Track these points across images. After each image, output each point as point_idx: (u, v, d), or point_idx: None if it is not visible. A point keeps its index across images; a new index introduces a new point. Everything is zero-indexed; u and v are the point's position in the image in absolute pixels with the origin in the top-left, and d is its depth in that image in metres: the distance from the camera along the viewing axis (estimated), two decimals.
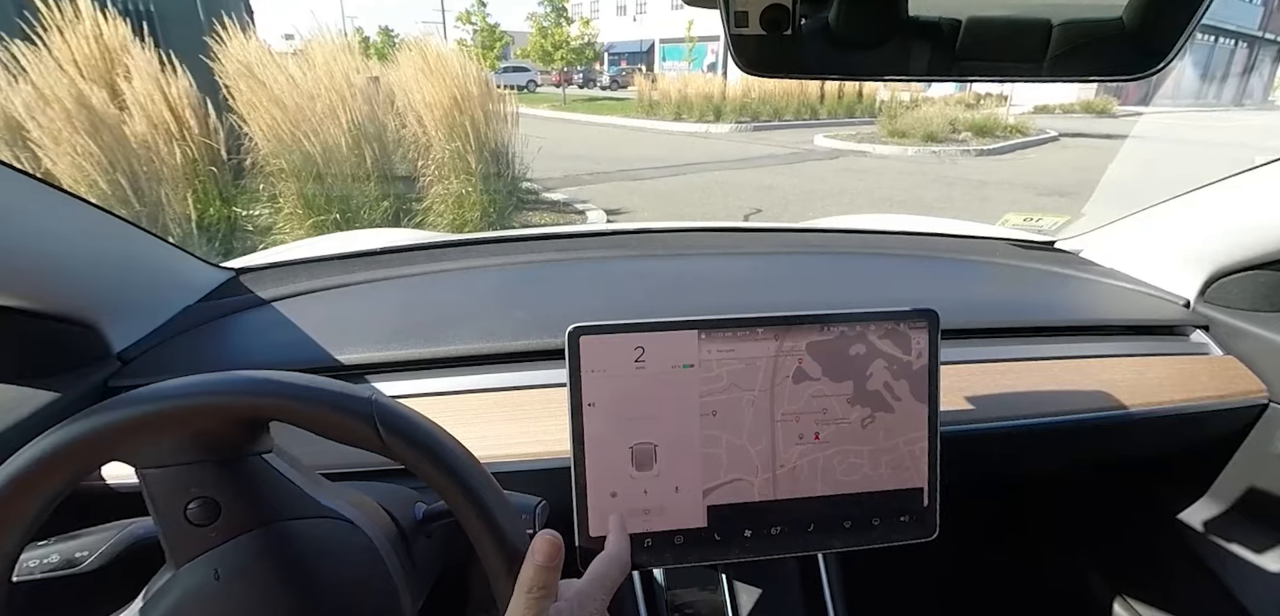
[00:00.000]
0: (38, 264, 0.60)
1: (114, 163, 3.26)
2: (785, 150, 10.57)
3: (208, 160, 3.75)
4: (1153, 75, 0.46)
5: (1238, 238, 0.87)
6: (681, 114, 14.71)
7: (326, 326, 0.78)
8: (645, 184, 7.24)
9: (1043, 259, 1.12)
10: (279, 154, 3.63)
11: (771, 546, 0.58)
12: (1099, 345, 0.86)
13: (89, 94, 3.27)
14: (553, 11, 23.62)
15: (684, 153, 9.87)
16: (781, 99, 15.14)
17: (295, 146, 3.62)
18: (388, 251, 1.02)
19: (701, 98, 14.62)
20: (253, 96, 3.69)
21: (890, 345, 0.57)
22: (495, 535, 0.43)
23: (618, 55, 38.12)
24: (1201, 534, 0.93)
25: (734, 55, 0.47)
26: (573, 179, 6.79)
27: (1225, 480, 0.91)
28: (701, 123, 14.14)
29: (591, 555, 0.55)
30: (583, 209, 5.66)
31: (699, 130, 13.49)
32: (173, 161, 3.51)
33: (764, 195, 6.93)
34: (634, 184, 7.19)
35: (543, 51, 23.71)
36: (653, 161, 8.75)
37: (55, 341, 0.64)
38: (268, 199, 3.81)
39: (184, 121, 3.66)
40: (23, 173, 0.58)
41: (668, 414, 0.54)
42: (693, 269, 1.01)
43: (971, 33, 0.46)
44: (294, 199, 3.69)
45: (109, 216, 0.70)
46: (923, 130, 11.56)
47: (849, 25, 0.47)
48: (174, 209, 3.47)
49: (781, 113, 15.18)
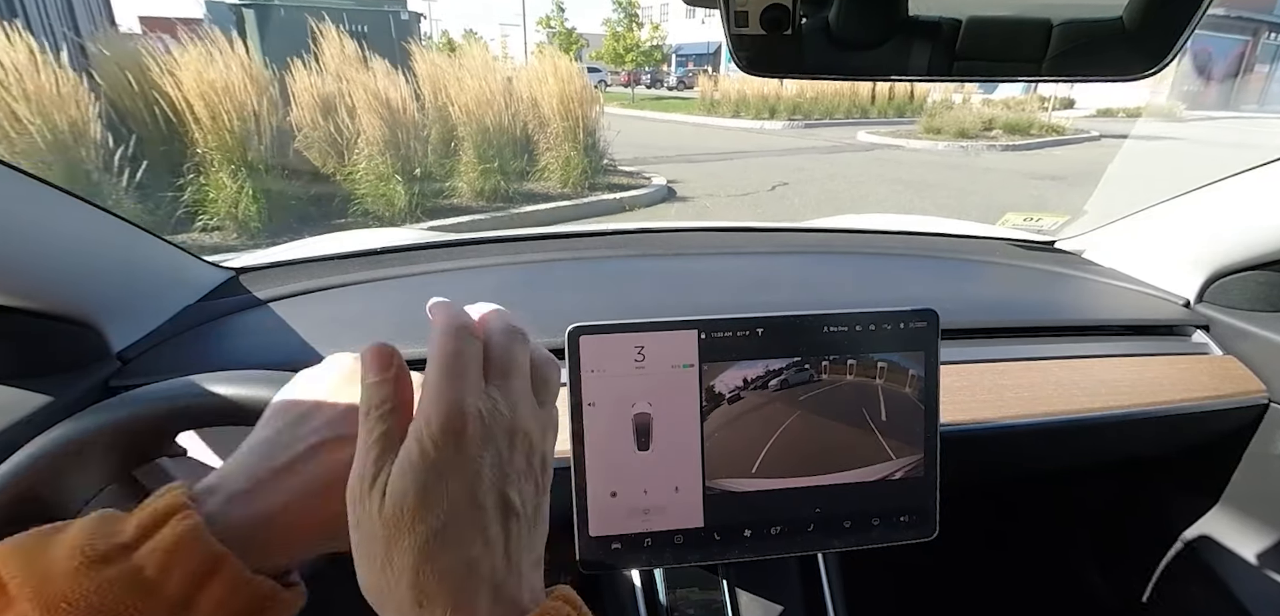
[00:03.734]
0: (37, 264, 0.60)
1: (395, 136, 5.33)
2: (827, 144, 11.67)
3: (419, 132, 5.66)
4: (1152, 76, 0.46)
5: (1238, 237, 0.87)
6: (740, 111, 15.84)
7: (326, 326, 0.78)
8: (699, 166, 8.57)
9: (1043, 259, 1.12)
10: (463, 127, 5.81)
11: (771, 546, 0.58)
12: (1099, 345, 0.86)
13: (334, 91, 5.39)
14: (625, 17, 25.31)
15: (736, 143, 11.23)
16: (833, 99, 16.04)
17: (472, 122, 5.74)
18: (388, 251, 1.02)
19: (758, 97, 15.61)
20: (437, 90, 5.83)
21: (890, 345, 0.57)
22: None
23: (685, 56, 39.06)
24: (1201, 533, 0.93)
25: (734, 55, 0.46)
26: (640, 160, 8.00)
27: (1225, 480, 0.91)
28: (757, 119, 15.22)
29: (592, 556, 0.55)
30: (650, 177, 7.07)
31: (754, 126, 14.50)
32: (407, 135, 5.44)
33: (794, 173, 8.16)
34: (690, 165, 8.49)
35: (615, 53, 25.26)
36: (708, 150, 10.19)
37: (55, 341, 0.64)
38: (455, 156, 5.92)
39: (409, 105, 5.50)
40: (22, 172, 0.58)
41: (667, 414, 0.54)
42: (693, 269, 1.01)
43: (971, 32, 0.46)
44: (472, 156, 5.78)
45: (109, 216, 0.70)
46: (956, 127, 12.16)
47: (849, 25, 0.47)
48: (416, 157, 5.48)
49: (832, 112, 16.02)
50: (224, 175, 4.66)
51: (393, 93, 5.28)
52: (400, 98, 5.32)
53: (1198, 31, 0.43)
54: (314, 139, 5.30)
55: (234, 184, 4.68)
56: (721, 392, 0.55)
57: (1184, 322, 0.92)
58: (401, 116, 5.31)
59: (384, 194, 5.24)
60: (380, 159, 5.23)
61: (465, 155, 5.67)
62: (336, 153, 5.29)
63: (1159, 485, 1.00)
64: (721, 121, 15.45)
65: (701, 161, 8.95)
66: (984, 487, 1.18)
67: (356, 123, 5.29)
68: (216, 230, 4.71)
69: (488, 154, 5.72)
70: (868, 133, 13.12)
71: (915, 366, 0.57)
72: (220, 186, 4.67)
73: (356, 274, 0.91)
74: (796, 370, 0.56)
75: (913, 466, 0.59)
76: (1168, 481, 0.99)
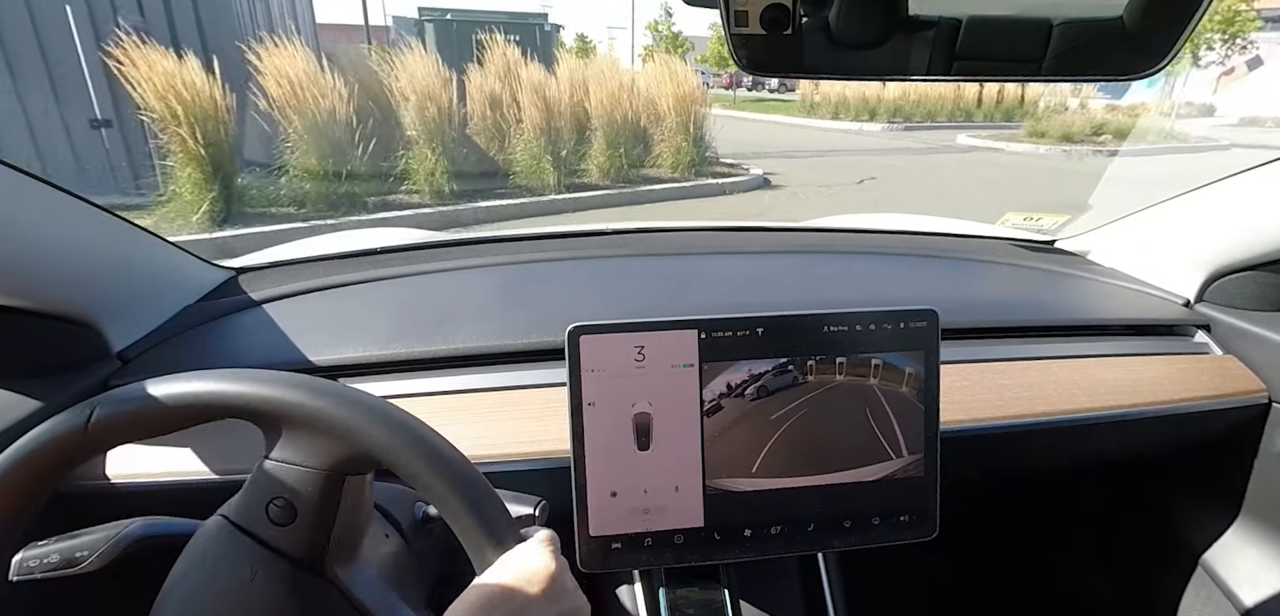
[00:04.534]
0: (37, 264, 0.60)
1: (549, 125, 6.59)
2: (923, 145, 11.80)
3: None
4: (1152, 75, 0.46)
5: (1238, 237, 0.87)
6: (839, 113, 15.86)
7: (326, 326, 0.78)
8: (794, 161, 9.35)
9: (1043, 258, 1.12)
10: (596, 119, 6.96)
11: (771, 546, 0.58)
12: (1099, 345, 0.86)
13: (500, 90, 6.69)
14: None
15: (833, 143, 11.82)
16: (936, 102, 15.69)
17: (605, 115, 6.92)
18: (387, 251, 1.02)
19: (858, 99, 15.53)
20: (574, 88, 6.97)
21: (890, 345, 0.57)
22: (480, 527, 0.41)
23: None
24: (1201, 533, 0.93)
25: (734, 54, 0.47)
26: (740, 154, 8.75)
27: (1225, 479, 0.91)
28: (856, 121, 15.23)
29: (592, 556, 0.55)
30: (748, 167, 8.04)
31: (852, 128, 14.57)
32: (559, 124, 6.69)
33: (883, 170, 8.62)
34: (785, 160, 9.30)
35: (719, 57, 25.33)
36: (803, 147, 11.01)
37: (55, 341, 0.64)
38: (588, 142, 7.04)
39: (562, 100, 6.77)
40: (22, 172, 0.58)
41: (668, 413, 0.54)
42: (693, 269, 1.01)
43: (972, 32, 0.46)
44: (602, 143, 6.91)
45: (109, 216, 0.70)
46: (1062, 131, 11.87)
47: (849, 25, 0.47)
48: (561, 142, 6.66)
49: (934, 115, 15.76)
50: (426, 151, 6.02)
51: (549, 90, 6.70)
52: (556, 94, 6.75)
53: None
54: (481, 127, 6.77)
55: (432, 158, 6.00)
56: (722, 392, 0.55)
57: (1184, 322, 0.92)
58: (555, 108, 6.68)
59: (536, 170, 6.56)
60: (535, 143, 6.60)
61: (597, 142, 6.95)
62: (499, 138, 6.76)
63: (1159, 485, 1.00)
64: (820, 123, 15.47)
65: (797, 157, 9.76)
66: (984, 487, 1.18)
67: (517, 113, 6.67)
68: (416, 193, 6.00)
69: (615, 142, 6.98)
70: (968, 136, 12.96)
71: (915, 366, 0.57)
72: (422, 160, 6.01)
73: (356, 274, 0.91)
74: (797, 370, 0.56)
75: (913, 466, 0.59)
76: (1168, 481, 0.99)
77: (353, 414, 0.40)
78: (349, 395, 0.42)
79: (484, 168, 6.54)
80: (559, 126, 6.68)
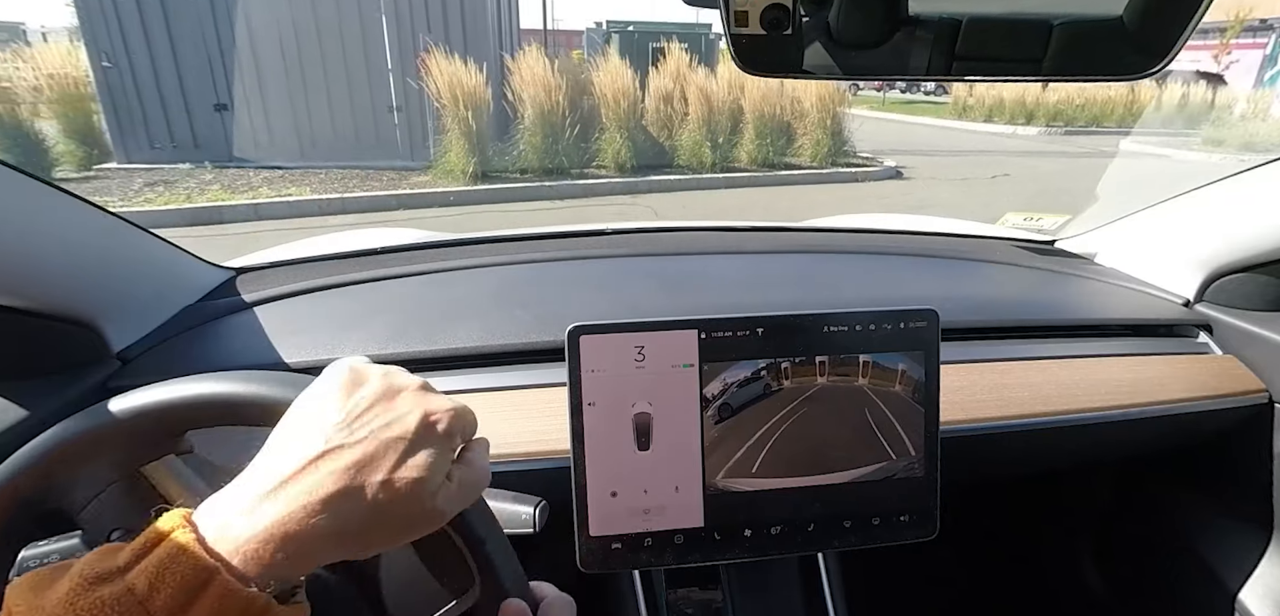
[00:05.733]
0: (37, 264, 0.60)
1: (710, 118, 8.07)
2: (1079, 150, 11.21)
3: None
4: (1152, 75, 0.46)
5: (1238, 237, 0.87)
6: (993, 116, 14.89)
7: (326, 325, 0.78)
8: (932, 159, 9.70)
9: (1043, 259, 1.12)
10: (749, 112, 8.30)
11: (771, 546, 0.58)
12: (1099, 344, 0.86)
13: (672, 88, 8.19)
14: None
15: (981, 145, 11.66)
16: (1103, 106, 14.32)
17: (756, 110, 8.24)
18: (387, 250, 1.02)
19: (1015, 101, 14.48)
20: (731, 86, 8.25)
21: (891, 345, 0.57)
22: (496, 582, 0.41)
23: None
24: (1201, 533, 0.93)
25: (733, 55, 0.47)
26: (879, 150, 9.50)
27: (1225, 479, 0.91)
28: (1011, 124, 14.21)
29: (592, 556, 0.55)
30: (882, 160, 8.83)
31: (1006, 131, 13.62)
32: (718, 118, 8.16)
33: (1023, 170, 8.81)
34: (924, 158, 9.68)
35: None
36: (945, 147, 11.16)
37: (55, 341, 0.64)
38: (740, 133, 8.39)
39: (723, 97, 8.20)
40: (23, 172, 0.58)
41: (668, 413, 0.54)
42: (693, 268, 1.01)
43: (972, 32, 0.46)
44: (752, 133, 8.26)
45: (109, 216, 0.70)
46: (1242, 140, 10.94)
47: (849, 25, 0.47)
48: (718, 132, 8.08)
49: (1102, 119, 14.50)
50: (615, 136, 7.69)
51: (711, 89, 8.10)
52: (716, 92, 8.11)
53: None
54: (655, 119, 8.22)
55: (619, 141, 7.67)
56: (722, 392, 0.55)
57: (1184, 322, 0.92)
58: (715, 105, 8.10)
59: (696, 155, 8.00)
60: (697, 132, 8.06)
61: (747, 133, 8.33)
62: (668, 128, 8.23)
63: (1159, 485, 1.00)
64: (971, 125, 14.72)
65: (936, 156, 10.16)
66: (984, 487, 1.18)
67: (684, 108, 8.16)
68: (603, 169, 7.65)
69: (763, 133, 8.31)
70: (1135, 141, 12.01)
71: (915, 366, 0.57)
72: (612, 142, 7.68)
73: (356, 273, 0.91)
74: (797, 370, 0.56)
75: (913, 466, 0.58)
76: (1168, 481, 0.99)
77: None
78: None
79: (655, 151, 8.13)
80: (717, 119, 8.13)
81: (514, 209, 6.30)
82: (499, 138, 7.59)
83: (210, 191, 6.22)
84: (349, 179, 6.91)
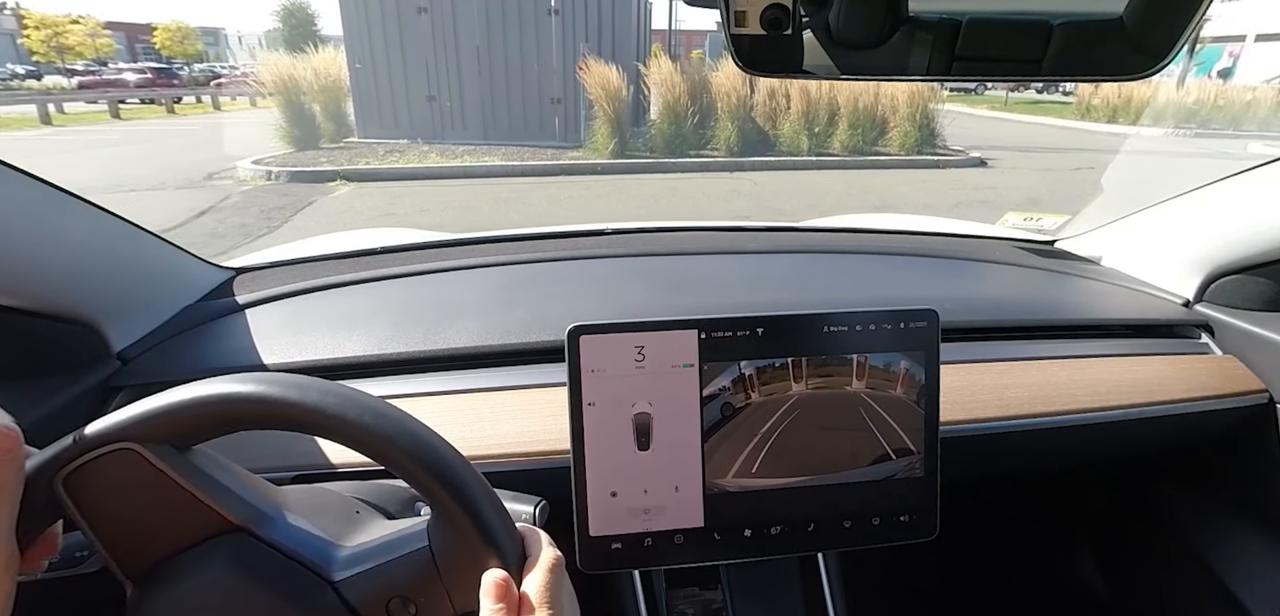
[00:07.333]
0: (38, 264, 0.60)
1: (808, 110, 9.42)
2: (1197, 151, 10.87)
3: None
4: (1152, 75, 0.46)
5: (1238, 237, 0.87)
6: (1117, 116, 14.31)
7: (326, 325, 0.78)
8: (1024, 154, 10.05)
9: (1043, 259, 1.12)
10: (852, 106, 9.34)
11: (771, 546, 0.58)
12: (1099, 345, 0.86)
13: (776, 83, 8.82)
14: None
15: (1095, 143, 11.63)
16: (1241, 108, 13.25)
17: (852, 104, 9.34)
18: (387, 250, 1.02)
19: (1141, 102, 13.84)
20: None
21: (891, 345, 0.57)
22: (478, 532, 0.40)
23: None
24: (1201, 533, 0.93)
25: (733, 55, 0.47)
26: (971, 144, 10.06)
27: (1225, 479, 0.91)
28: (1134, 125, 13.59)
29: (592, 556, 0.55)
30: (966, 152, 9.44)
31: (1127, 131, 13.17)
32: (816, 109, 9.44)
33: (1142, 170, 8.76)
34: (1017, 154, 10.05)
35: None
36: (1047, 145, 11.30)
37: (55, 341, 0.64)
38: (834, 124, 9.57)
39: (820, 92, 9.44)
40: (23, 172, 0.58)
41: (668, 413, 0.54)
42: (693, 268, 1.01)
43: (971, 33, 0.46)
44: (846, 124, 9.33)
45: (109, 216, 0.70)
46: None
47: (849, 25, 0.47)
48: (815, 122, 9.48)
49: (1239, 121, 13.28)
50: (728, 124, 9.14)
51: (812, 85, 8.92)
52: (815, 86, 9.05)
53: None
54: (761, 110, 9.49)
55: (732, 129, 9.13)
56: (722, 392, 0.55)
57: (1184, 322, 0.92)
58: (814, 98, 9.27)
59: (794, 142, 9.30)
60: (797, 122, 9.34)
61: (842, 123, 9.40)
62: (772, 118, 9.50)
63: (1159, 485, 1.00)
64: (1090, 125, 14.23)
65: (1029, 152, 10.46)
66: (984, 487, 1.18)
67: (786, 101, 9.43)
68: (716, 152, 9.01)
69: (856, 124, 9.33)
70: (1262, 144, 11.20)
71: (915, 366, 0.57)
72: (724, 129, 9.16)
73: (356, 273, 0.91)
74: (797, 370, 0.56)
75: (913, 466, 0.58)
76: (1168, 481, 0.99)
77: (345, 411, 0.40)
78: (344, 393, 0.42)
79: (760, 138, 9.40)
80: (815, 111, 9.29)
81: (644, 179, 7.86)
82: (634, 124, 9.51)
83: (429, 157, 8.60)
84: (520, 154, 8.90)
